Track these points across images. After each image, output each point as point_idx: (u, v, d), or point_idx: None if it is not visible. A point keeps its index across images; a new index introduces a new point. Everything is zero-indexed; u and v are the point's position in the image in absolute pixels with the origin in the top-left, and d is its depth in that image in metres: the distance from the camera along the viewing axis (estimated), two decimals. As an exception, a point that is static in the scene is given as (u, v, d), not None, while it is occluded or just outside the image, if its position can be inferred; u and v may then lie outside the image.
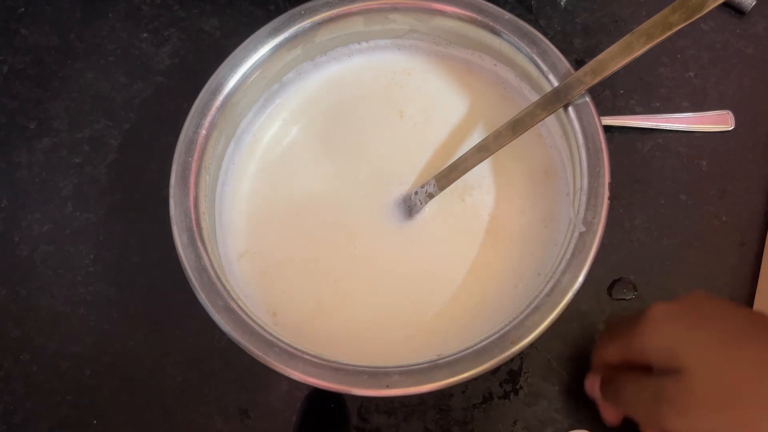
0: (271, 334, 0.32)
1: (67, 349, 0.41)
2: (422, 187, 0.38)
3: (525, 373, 0.39)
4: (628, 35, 0.31)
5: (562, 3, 0.47)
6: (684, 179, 0.42)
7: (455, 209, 0.38)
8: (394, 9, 0.39)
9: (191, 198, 0.35)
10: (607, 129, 0.34)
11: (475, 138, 0.39)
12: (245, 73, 0.38)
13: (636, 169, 0.43)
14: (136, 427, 0.40)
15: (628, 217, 0.42)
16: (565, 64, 0.36)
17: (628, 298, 0.40)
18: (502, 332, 0.31)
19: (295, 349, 0.31)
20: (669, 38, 0.30)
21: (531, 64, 0.37)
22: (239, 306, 0.33)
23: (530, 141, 0.39)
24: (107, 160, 0.46)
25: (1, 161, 0.46)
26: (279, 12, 0.38)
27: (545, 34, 0.37)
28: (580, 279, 0.31)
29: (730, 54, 0.45)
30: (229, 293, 0.33)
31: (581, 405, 0.38)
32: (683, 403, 0.27)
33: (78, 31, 0.49)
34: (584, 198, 0.33)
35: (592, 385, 0.35)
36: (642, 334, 0.30)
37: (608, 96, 0.45)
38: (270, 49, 0.38)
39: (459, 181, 0.37)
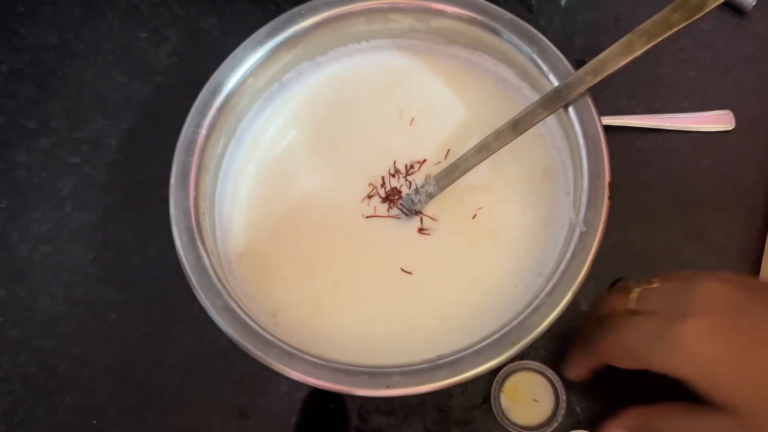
0: (271, 334, 0.32)
1: (66, 349, 0.41)
2: (422, 186, 0.38)
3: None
4: (628, 35, 0.31)
5: (562, 3, 0.47)
6: (684, 179, 0.42)
7: (455, 209, 0.38)
8: (394, 9, 0.39)
9: (191, 198, 0.35)
10: (608, 129, 0.34)
11: (475, 138, 0.39)
12: (245, 73, 0.38)
13: (636, 169, 0.43)
14: (136, 427, 0.40)
15: (628, 217, 0.42)
16: (565, 63, 0.36)
17: (628, 298, 0.40)
18: (502, 332, 0.31)
19: (295, 349, 0.31)
20: (669, 38, 0.30)
21: (531, 64, 0.37)
22: (239, 306, 0.33)
23: (530, 141, 0.38)
24: (106, 160, 0.46)
25: (0, 161, 0.46)
26: (279, 12, 0.38)
27: (545, 34, 0.37)
28: (580, 279, 0.31)
29: (730, 54, 0.45)
30: (229, 293, 0.33)
31: (581, 405, 0.38)
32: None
33: (77, 31, 0.49)
34: (584, 198, 0.33)
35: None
36: (669, 361, 0.27)
37: (608, 96, 0.45)
38: (270, 49, 0.38)
39: (459, 181, 0.37)
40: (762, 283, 0.28)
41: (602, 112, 0.35)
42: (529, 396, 0.36)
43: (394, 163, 0.40)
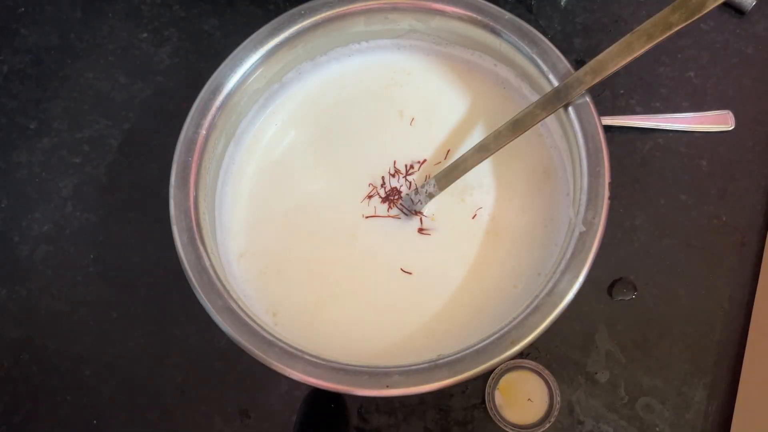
0: (271, 334, 0.32)
1: (67, 349, 0.41)
2: (422, 187, 0.38)
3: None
4: (628, 35, 0.31)
5: (562, 3, 0.47)
6: (684, 179, 0.42)
7: (455, 209, 0.38)
8: (394, 9, 0.39)
9: (191, 198, 0.35)
10: (607, 129, 0.34)
11: (475, 138, 0.39)
12: (245, 73, 0.38)
13: (636, 169, 0.43)
14: (136, 427, 0.40)
15: (628, 217, 0.42)
16: (565, 64, 0.36)
17: (627, 298, 0.40)
18: (502, 332, 0.31)
19: (295, 349, 0.31)
20: (669, 38, 0.30)
21: (531, 64, 0.37)
22: (239, 306, 0.33)
23: (530, 141, 0.39)
24: (107, 160, 0.46)
25: (1, 161, 0.46)
26: (279, 12, 0.38)
27: (545, 34, 0.37)
28: (580, 279, 0.31)
29: (730, 54, 0.45)
30: (229, 293, 0.33)
31: (580, 405, 0.38)
32: None
33: (78, 31, 0.49)
34: (584, 198, 0.33)
35: None
36: None
37: (608, 96, 0.45)
38: (270, 49, 0.38)
39: (459, 181, 0.37)
40: None
41: (602, 112, 0.35)
42: (523, 395, 0.36)
43: (394, 163, 0.40)
